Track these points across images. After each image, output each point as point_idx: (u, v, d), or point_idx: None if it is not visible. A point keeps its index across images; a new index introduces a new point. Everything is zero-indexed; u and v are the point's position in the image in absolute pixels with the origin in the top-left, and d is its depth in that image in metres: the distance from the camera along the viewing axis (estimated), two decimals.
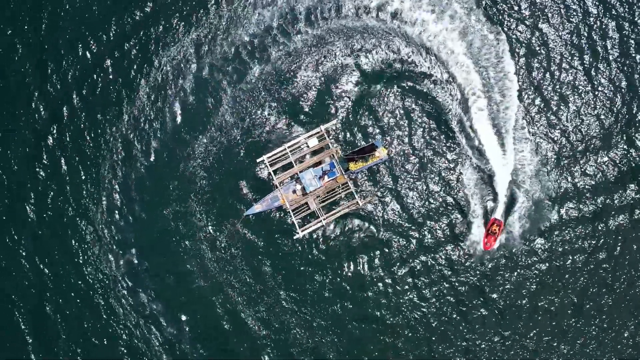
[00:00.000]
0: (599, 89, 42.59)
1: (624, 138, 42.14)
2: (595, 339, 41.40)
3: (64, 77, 44.70)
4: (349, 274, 42.59)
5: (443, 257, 42.40)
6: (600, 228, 41.86)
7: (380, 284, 42.35)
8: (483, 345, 42.04)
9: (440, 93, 42.81)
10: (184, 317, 42.97)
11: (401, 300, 42.31)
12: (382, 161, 42.21)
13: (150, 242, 43.56)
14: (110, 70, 44.58)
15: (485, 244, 41.76)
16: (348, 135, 43.17)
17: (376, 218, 42.74)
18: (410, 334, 42.10)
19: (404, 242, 42.53)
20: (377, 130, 43.18)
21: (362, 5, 43.61)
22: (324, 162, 41.76)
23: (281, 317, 42.56)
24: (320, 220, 40.94)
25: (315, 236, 42.64)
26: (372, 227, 42.65)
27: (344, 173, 41.28)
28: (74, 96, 44.49)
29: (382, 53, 43.42)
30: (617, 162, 42.11)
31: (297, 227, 40.80)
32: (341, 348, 42.22)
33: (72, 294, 43.16)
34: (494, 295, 42.09)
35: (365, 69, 43.46)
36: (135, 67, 44.48)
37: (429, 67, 42.93)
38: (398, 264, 42.44)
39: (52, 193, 43.88)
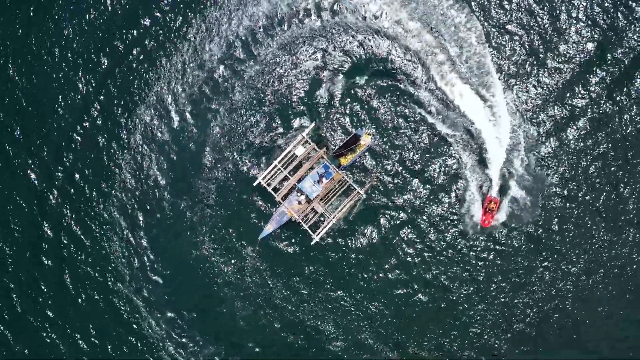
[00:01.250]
0: (557, 7, 43.01)
1: (595, 45, 42.66)
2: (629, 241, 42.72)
3: (56, 150, 46.94)
4: (378, 251, 44.23)
5: (459, 210, 43.88)
6: (593, 121, 42.74)
7: (413, 250, 43.99)
8: (532, 279, 43.42)
9: (403, 66, 43.62)
10: (256, 350, 45.19)
11: (439, 260, 43.86)
12: (369, 147, 43.55)
13: (185, 293, 45.91)
14: (94, 137, 46.70)
15: (483, 222, 42.82)
16: (330, 133, 44.50)
17: (385, 194, 44.28)
18: (459, 289, 43.78)
19: (419, 205, 44.04)
20: (355, 120, 44.39)
21: (300, 10, 44.69)
22: (316, 165, 43.27)
23: (331, 317, 44.58)
24: (331, 220, 42.62)
25: (333, 229, 44.40)
26: (384, 201, 44.21)
27: (338, 170, 42.78)
28: (66, 175, 46.82)
29: (337, 49, 44.48)
30: (589, 64, 42.70)
31: (311, 232, 42.60)
32: (403, 326, 44.15)
33: None
34: (524, 227, 43.31)
35: (325, 68, 44.59)
36: (115, 130, 46.41)
37: (387, 46, 43.78)
38: (421, 226, 44.00)
39: (85, 272, 46.64)
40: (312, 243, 42.76)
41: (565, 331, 43.27)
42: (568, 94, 42.90)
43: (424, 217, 44.05)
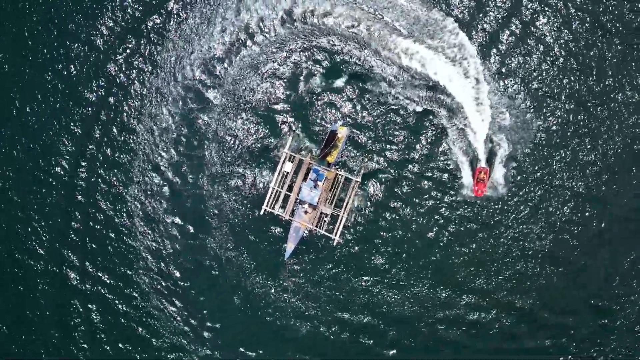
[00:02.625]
0: None
1: None
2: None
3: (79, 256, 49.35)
4: (400, 223, 45.67)
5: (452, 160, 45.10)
6: (549, 23, 43.85)
7: (425, 201, 45.42)
8: (554, 182, 44.39)
9: (349, 51, 44.99)
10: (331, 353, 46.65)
11: (454, 200, 45.24)
12: (348, 137, 44.78)
13: (245, 334, 47.55)
14: (101, 224, 48.76)
15: (476, 192, 43.77)
16: (310, 138, 46.06)
17: (381, 168, 45.83)
18: (484, 219, 44.94)
19: (411, 164, 45.63)
20: (327, 118, 45.83)
21: (239, 39, 46.55)
22: (309, 171, 44.61)
23: (382, 289, 46.03)
24: (342, 217, 43.83)
25: (349, 225, 45.90)
26: (387, 177, 45.69)
27: (329, 169, 44.05)
28: (91, 267, 49.05)
29: (290, 60, 46.29)
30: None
31: (329, 235, 43.90)
32: (451, 273, 45.50)
33: None
34: (525, 145, 44.35)
35: (284, 81, 46.30)
36: (118, 214, 48.46)
37: (332, 43, 45.29)
38: (420, 180, 45.54)
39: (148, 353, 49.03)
40: (334, 244, 44.11)
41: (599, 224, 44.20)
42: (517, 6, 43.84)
43: (419, 172, 45.50)
